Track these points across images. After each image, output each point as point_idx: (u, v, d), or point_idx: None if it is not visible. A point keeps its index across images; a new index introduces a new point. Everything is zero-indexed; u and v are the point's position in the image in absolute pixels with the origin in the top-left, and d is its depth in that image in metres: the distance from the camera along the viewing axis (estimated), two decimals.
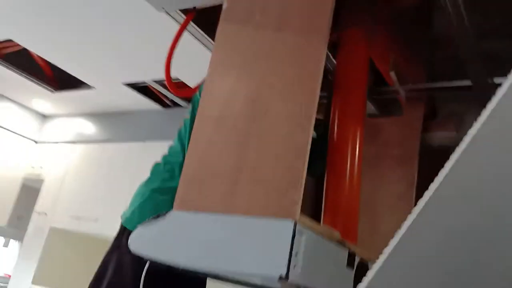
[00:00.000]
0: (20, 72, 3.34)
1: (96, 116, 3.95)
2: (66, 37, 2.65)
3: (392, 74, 1.60)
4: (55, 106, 3.99)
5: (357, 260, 1.18)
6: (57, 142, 4.17)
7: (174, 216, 1.06)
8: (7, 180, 4.12)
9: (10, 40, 2.76)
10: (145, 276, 1.24)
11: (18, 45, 2.82)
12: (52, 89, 3.55)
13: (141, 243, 1.11)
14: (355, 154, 1.34)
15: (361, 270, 1.18)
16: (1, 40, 2.77)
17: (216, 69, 1.16)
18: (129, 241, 1.13)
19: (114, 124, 3.82)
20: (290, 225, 0.88)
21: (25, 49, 2.91)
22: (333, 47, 1.49)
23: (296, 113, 0.98)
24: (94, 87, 3.27)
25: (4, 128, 4.10)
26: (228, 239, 0.95)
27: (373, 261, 1.21)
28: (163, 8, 1.36)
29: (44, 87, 3.52)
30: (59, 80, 3.46)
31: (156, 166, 1.46)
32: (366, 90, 1.43)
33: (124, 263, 1.33)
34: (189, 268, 1.00)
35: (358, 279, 1.18)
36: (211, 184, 1.04)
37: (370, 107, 1.79)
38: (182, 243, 1.02)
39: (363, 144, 1.36)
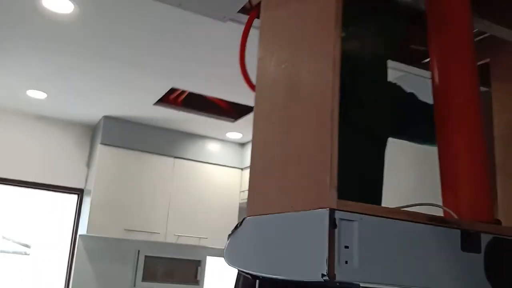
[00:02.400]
0: (201, 112, 3.72)
1: None
2: (218, 71, 2.85)
3: None
4: (243, 133, 4.31)
5: (486, 240, 0.92)
6: None
7: (246, 223, 1.01)
8: (227, 208, 4.62)
9: (174, 89, 3.11)
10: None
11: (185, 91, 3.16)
12: (232, 119, 3.85)
13: (229, 254, 1.08)
14: (470, 103, 1.06)
15: (498, 250, 0.92)
16: (167, 91, 3.15)
17: (260, 64, 1.08)
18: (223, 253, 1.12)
19: None
20: (325, 214, 0.74)
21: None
22: None
23: (320, 82, 0.83)
24: None
25: (215, 164, 4.61)
26: (277, 242, 0.85)
27: None
28: (225, 17, 1.34)
29: (225, 119, 3.85)
30: (235, 109, 3.74)
31: None
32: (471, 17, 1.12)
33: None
34: (265, 276, 0.93)
35: (495, 262, 0.92)
36: (268, 183, 0.96)
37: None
38: (251, 250, 0.97)
39: (478, 90, 1.07)
